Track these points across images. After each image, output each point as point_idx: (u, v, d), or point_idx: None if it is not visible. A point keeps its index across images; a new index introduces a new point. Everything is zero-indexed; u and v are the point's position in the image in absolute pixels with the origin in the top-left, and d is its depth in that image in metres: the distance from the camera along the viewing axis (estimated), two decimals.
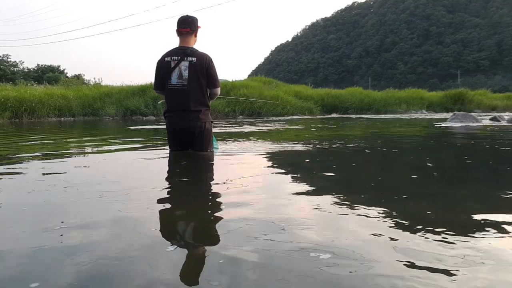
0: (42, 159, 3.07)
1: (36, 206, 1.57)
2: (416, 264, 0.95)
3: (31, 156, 3.28)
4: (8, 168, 2.59)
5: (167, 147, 3.20)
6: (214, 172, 2.50)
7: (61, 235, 1.18)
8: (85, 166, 2.78)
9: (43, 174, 2.35)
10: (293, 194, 1.75)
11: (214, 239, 1.16)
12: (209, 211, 1.51)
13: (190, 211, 1.53)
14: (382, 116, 14.84)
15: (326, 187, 1.96)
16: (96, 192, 1.80)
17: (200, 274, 0.91)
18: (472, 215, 1.40)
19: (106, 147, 3.98)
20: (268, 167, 2.71)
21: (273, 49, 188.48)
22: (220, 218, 1.38)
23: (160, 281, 0.87)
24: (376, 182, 2.17)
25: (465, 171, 2.58)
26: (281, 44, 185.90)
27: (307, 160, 3.08)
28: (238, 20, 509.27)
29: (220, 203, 1.62)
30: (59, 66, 41.44)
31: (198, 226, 1.32)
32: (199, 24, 2.98)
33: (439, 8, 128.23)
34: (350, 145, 4.03)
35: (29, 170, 2.52)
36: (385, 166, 2.80)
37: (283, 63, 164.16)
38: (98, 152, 3.66)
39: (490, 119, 9.41)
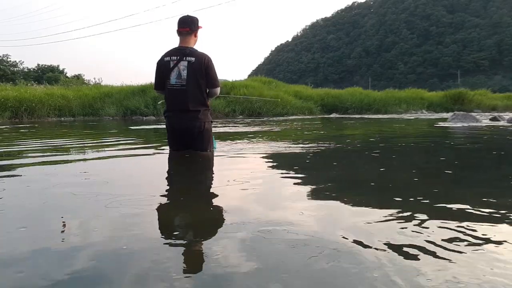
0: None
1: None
2: (413, 262, 0.95)
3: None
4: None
5: (167, 146, 3.20)
6: (213, 172, 2.50)
7: (63, 231, 1.18)
8: (84, 168, 2.78)
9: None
10: (293, 194, 1.76)
11: (213, 239, 1.16)
12: (209, 211, 1.51)
13: (190, 211, 1.53)
14: (382, 116, 14.84)
15: (326, 186, 1.96)
16: (94, 191, 1.80)
17: (198, 274, 0.91)
18: (471, 215, 1.40)
19: (107, 147, 3.97)
20: (268, 166, 2.72)
21: (273, 49, 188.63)
22: (219, 219, 1.39)
23: (158, 281, 0.87)
24: (376, 182, 2.17)
25: (465, 171, 2.58)
26: (281, 44, 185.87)
27: (307, 160, 3.08)
28: (238, 20, 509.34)
29: (219, 203, 1.62)
30: (58, 66, 41.49)
31: (198, 226, 1.32)
32: (199, 24, 2.98)
33: (439, 8, 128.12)
34: (350, 145, 4.04)
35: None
36: (385, 166, 2.79)
37: (283, 63, 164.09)
38: (98, 151, 3.65)
39: (490, 119, 9.41)
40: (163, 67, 2.91)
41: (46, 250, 1.06)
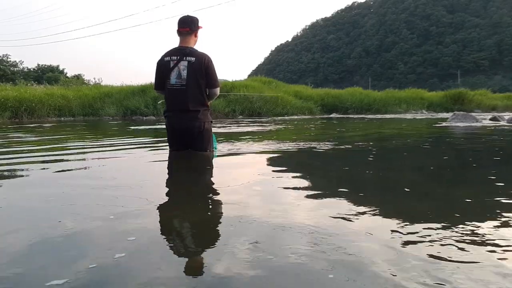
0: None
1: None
2: (410, 261, 0.95)
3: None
4: None
5: (167, 146, 3.20)
6: (213, 172, 2.50)
7: (63, 229, 1.18)
8: (85, 168, 2.78)
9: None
10: (293, 194, 1.75)
11: (212, 240, 1.16)
12: (209, 211, 1.51)
13: (189, 211, 1.53)
14: (383, 116, 14.84)
15: (326, 187, 1.96)
16: (95, 191, 1.80)
17: (197, 274, 0.91)
18: (471, 215, 1.40)
19: (107, 147, 3.97)
20: (268, 166, 2.71)
21: (273, 49, 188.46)
22: (219, 219, 1.39)
23: (158, 280, 0.87)
24: (377, 182, 2.17)
25: (465, 171, 2.58)
26: (281, 44, 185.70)
27: (307, 160, 3.08)
28: (238, 20, 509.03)
29: (219, 203, 1.62)
30: (58, 66, 41.54)
31: (197, 227, 1.32)
32: (200, 24, 2.98)
33: (439, 8, 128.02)
34: (350, 145, 4.03)
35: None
36: (385, 165, 2.80)
37: (283, 63, 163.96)
38: (99, 152, 3.65)
39: (490, 119, 9.41)
40: (163, 67, 2.91)
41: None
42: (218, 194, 1.78)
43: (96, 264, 0.95)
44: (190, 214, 1.48)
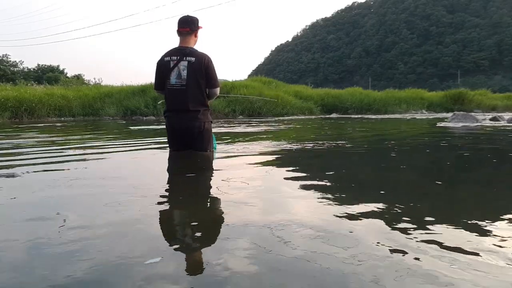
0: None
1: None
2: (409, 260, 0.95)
3: None
4: None
5: (168, 146, 3.20)
6: (213, 172, 2.50)
7: (63, 223, 1.18)
8: (85, 167, 2.78)
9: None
10: (293, 194, 1.75)
11: (213, 240, 1.16)
12: (208, 212, 1.51)
13: (189, 212, 1.53)
14: (383, 116, 14.83)
15: (326, 187, 1.96)
16: (96, 191, 1.80)
17: (197, 275, 0.91)
18: (470, 215, 1.40)
19: (107, 147, 3.97)
20: (268, 167, 2.71)
21: (273, 49, 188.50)
22: (219, 219, 1.38)
23: (158, 280, 0.87)
24: (377, 182, 2.17)
25: (465, 172, 2.58)
26: (281, 44, 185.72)
27: (308, 160, 3.08)
28: (238, 20, 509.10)
29: (219, 203, 1.62)
30: (58, 66, 41.57)
31: (197, 227, 1.32)
32: (200, 25, 2.98)
33: (439, 8, 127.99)
34: (350, 145, 4.03)
35: None
36: (384, 166, 2.79)
37: (283, 63, 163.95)
38: (100, 152, 3.65)
39: (490, 119, 9.41)
40: (163, 67, 2.91)
41: None
42: (218, 194, 1.78)
43: (100, 256, 0.96)
44: (190, 214, 1.48)
